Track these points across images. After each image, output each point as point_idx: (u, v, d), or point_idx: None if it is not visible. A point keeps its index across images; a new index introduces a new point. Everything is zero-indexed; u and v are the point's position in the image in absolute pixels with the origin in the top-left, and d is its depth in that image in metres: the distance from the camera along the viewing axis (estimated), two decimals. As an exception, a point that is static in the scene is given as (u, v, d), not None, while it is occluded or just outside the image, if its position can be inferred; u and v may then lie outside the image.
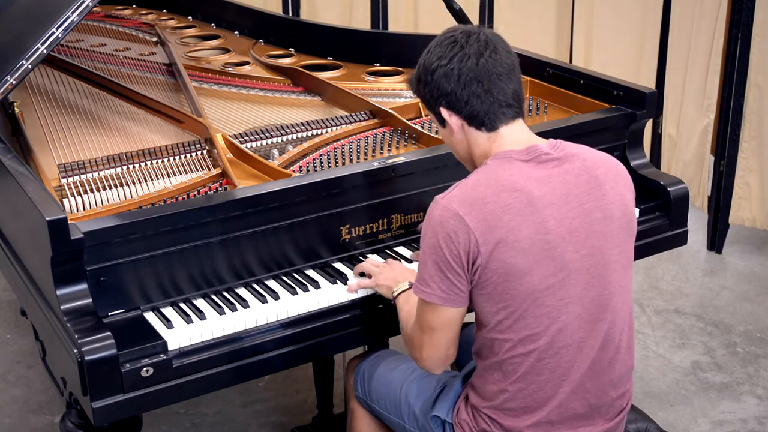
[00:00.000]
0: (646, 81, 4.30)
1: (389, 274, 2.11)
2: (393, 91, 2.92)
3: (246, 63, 3.24)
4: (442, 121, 1.92)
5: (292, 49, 3.38)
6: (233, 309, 2.05)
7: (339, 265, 2.23)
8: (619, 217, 1.86)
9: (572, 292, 1.81)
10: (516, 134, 1.87)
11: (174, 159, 2.41)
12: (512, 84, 1.86)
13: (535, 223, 1.77)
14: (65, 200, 2.21)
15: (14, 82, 2.24)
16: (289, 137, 2.57)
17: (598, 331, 1.85)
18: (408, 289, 2.03)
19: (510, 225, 1.76)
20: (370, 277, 2.14)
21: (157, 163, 2.39)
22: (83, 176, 2.30)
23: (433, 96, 1.88)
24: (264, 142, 2.54)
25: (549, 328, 1.81)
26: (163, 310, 2.04)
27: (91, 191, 2.25)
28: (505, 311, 1.80)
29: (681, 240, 2.62)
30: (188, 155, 2.43)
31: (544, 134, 2.40)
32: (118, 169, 2.35)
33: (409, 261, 2.25)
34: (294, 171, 2.33)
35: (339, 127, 2.62)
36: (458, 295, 1.81)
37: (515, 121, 1.88)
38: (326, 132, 2.59)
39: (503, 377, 1.86)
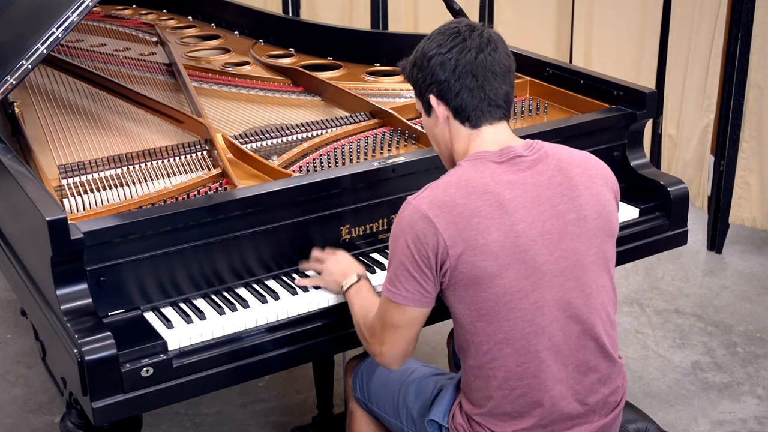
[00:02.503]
0: (646, 81, 4.30)
1: (335, 267, 2.10)
2: (393, 91, 2.93)
3: (246, 63, 3.25)
4: (428, 110, 1.92)
5: (292, 49, 3.38)
6: (233, 309, 2.05)
7: (339, 265, 2.23)
8: (595, 218, 1.85)
9: (546, 295, 1.80)
10: (496, 135, 1.87)
11: (174, 159, 2.41)
12: (505, 86, 1.86)
13: (504, 226, 1.77)
14: (65, 200, 2.21)
15: (14, 82, 2.24)
16: (289, 137, 2.57)
17: (577, 333, 1.84)
18: (357, 282, 2.03)
19: (479, 228, 1.75)
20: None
21: (157, 163, 2.39)
22: (83, 176, 2.30)
23: (425, 82, 1.88)
24: (264, 143, 2.54)
25: (524, 332, 1.80)
26: (163, 310, 2.04)
27: (91, 191, 2.25)
28: (477, 313, 1.80)
29: (681, 240, 2.62)
30: (188, 155, 2.43)
31: (545, 134, 2.41)
32: (118, 170, 2.35)
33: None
34: (294, 171, 2.33)
35: (339, 128, 2.62)
36: (424, 295, 1.82)
37: (499, 123, 1.88)
38: (326, 132, 2.59)
39: (486, 382, 1.85)
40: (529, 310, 1.79)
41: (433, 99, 1.88)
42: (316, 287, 2.13)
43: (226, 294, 2.11)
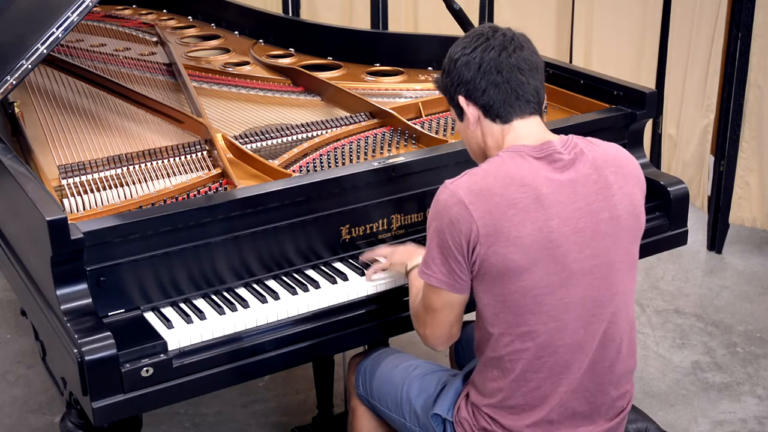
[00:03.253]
0: (646, 81, 4.30)
1: (404, 251, 2.14)
2: (393, 91, 2.92)
3: (246, 63, 3.25)
4: (460, 113, 1.92)
5: (292, 49, 3.38)
6: (233, 309, 2.05)
7: (339, 265, 2.23)
8: (627, 218, 1.86)
9: (573, 292, 1.81)
10: (530, 129, 1.87)
11: (174, 159, 2.41)
12: (534, 81, 1.87)
13: (539, 221, 1.77)
14: (65, 200, 2.21)
15: (14, 82, 2.24)
16: (289, 137, 2.57)
17: (598, 331, 1.85)
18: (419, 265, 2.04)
19: (514, 220, 1.76)
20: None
21: (157, 163, 2.39)
22: (83, 176, 2.30)
23: (453, 84, 1.90)
24: (264, 143, 2.54)
25: (547, 326, 1.81)
26: (163, 310, 2.04)
27: (91, 191, 2.25)
28: (503, 305, 1.81)
29: (681, 240, 2.62)
30: (188, 155, 2.43)
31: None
32: (118, 170, 2.35)
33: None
34: (294, 171, 2.33)
35: (339, 128, 2.61)
36: (458, 281, 1.83)
37: (531, 117, 1.88)
38: (326, 132, 2.59)
39: (502, 374, 1.86)
40: (555, 305, 1.80)
41: (462, 100, 1.89)
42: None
43: (226, 294, 2.11)
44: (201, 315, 2.02)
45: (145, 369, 1.88)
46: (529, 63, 1.86)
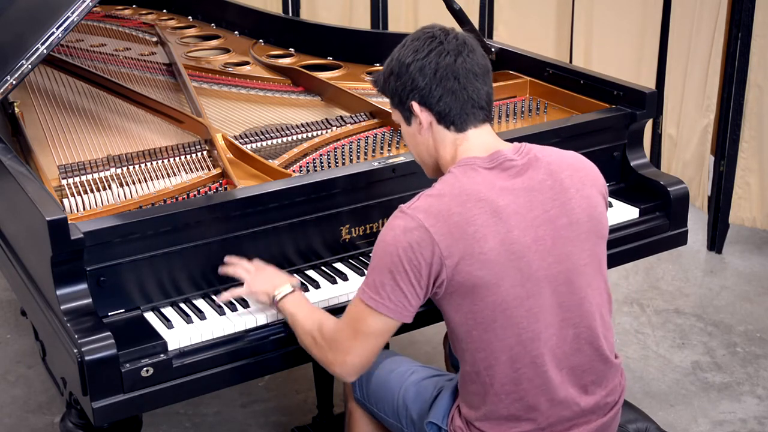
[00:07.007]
0: (646, 81, 4.30)
1: (264, 278, 2.03)
2: (393, 91, 2.92)
3: (246, 63, 3.25)
4: (409, 118, 1.89)
5: (292, 49, 3.38)
6: (233, 309, 2.05)
7: (339, 265, 2.23)
8: (586, 221, 1.84)
9: (541, 302, 1.80)
10: (482, 138, 1.86)
11: (174, 159, 2.41)
12: (486, 86, 1.86)
13: (500, 234, 1.75)
14: (65, 200, 2.21)
15: (14, 82, 2.24)
16: (289, 138, 2.57)
17: (572, 336, 1.84)
18: (291, 292, 1.98)
19: (475, 237, 1.74)
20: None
21: (157, 163, 2.39)
22: (83, 176, 2.30)
23: (405, 90, 1.85)
24: (264, 143, 2.54)
25: (519, 338, 1.80)
26: (163, 310, 2.04)
27: (91, 191, 2.25)
28: (474, 321, 1.79)
29: (681, 240, 2.62)
30: (188, 155, 2.43)
31: (545, 134, 2.41)
32: (118, 170, 2.35)
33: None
34: (294, 171, 2.33)
35: (339, 128, 2.61)
36: (406, 308, 1.79)
37: (483, 125, 1.87)
38: (326, 132, 2.59)
39: (483, 388, 1.85)
40: (525, 316, 1.79)
41: (415, 106, 1.85)
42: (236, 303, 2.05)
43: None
44: (201, 315, 2.02)
45: (145, 369, 1.88)
46: (482, 67, 1.85)
